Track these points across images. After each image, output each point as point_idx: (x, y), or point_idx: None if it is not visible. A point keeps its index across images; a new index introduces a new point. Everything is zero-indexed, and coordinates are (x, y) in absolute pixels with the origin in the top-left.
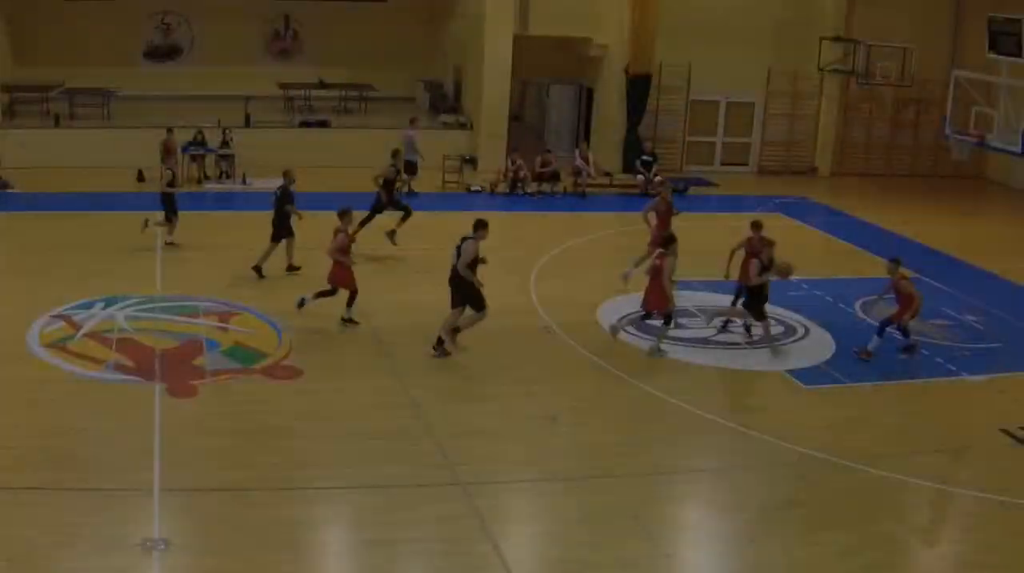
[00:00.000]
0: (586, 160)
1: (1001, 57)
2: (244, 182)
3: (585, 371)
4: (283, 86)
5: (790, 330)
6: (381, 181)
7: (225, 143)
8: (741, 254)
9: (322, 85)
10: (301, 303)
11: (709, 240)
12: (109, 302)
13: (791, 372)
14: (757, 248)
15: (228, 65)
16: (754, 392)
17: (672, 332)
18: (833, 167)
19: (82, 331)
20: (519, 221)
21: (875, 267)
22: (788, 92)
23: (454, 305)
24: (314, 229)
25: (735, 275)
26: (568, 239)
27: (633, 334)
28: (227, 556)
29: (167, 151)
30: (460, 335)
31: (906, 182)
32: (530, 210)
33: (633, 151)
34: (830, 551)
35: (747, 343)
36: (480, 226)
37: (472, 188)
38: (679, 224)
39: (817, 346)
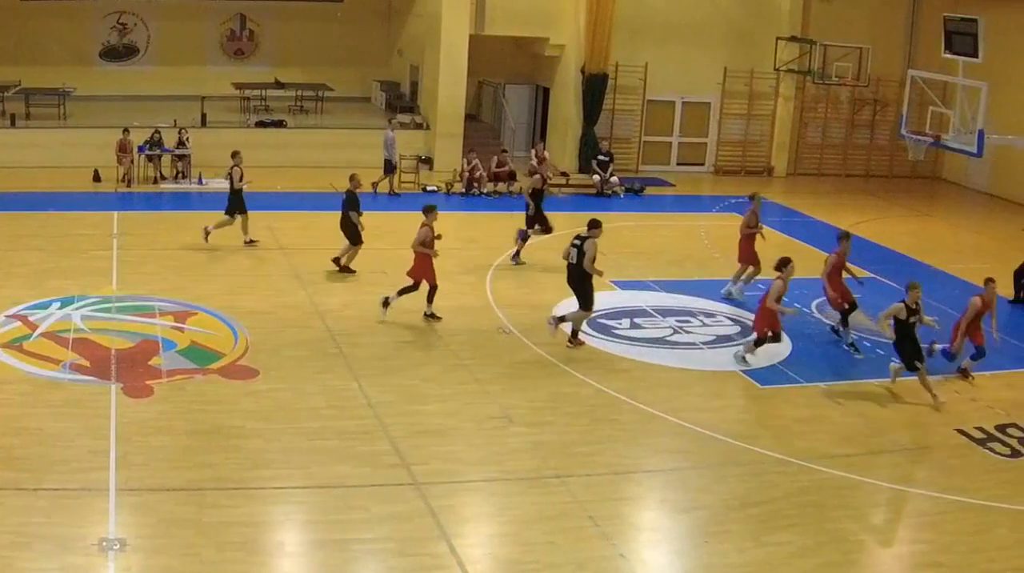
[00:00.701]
0: (542, 160)
1: (957, 57)
2: (200, 182)
3: (541, 371)
4: (239, 86)
5: (746, 330)
6: (530, 191)
7: (181, 143)
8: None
9: (278, 85)
10: (386, 302)
11: (665, 241)
12: (65, 302)
13: (747, 372)
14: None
15: (184, 65)
16: (710, 392)
17: (628, 332)
18: (789, 167)
19: (38, 331)
20: (475, 221)
21: (822, 264)
22: (744, 92)
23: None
24: (265, 229)
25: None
26: None
27: (592, 334)
28: (183, 556)
29: (123, 151)
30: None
31: (862, 182)
32: (486, 210)
33: (589, 151)
34: (785, 551)
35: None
36: (595, 225)
37: (428, 188)
38: (638, 225)
39: (773, 346)
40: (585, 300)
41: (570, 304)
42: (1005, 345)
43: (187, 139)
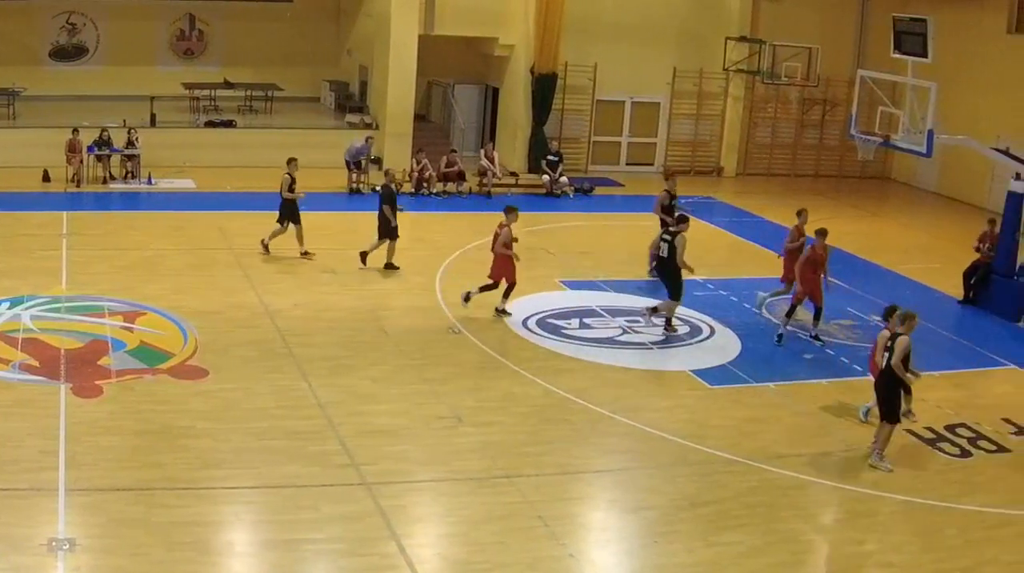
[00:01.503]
0: (492, 160)
1: (906, 57)
2: (149, 182)
3: (491, 371)
4: (188, 86)
5: (696, 330)
6: (659, 208)
7: (130, 143)
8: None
9: (227, 85)
10: (467, 298)
11: (615, 241)
12: (15, 302)
13: (697, 372)
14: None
15: (133, 65)
16: (660, 392)
17: (578, 332)
18: (739, 167)
19: None
20: (425, 221)
21: (779, 267)
22: (693, 92)
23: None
24: (214, 229)
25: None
26: (474, 239)
27: (541, 334)
28: (132, 556)
29: (72, 151)
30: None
31: (811, 182)
32: (435, 210)
33: (539, 151)
34: (734, 551)
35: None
36: (683, 220)
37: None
38: (587, 225)
39: (723, 346)
40: (675, 291)
41: (523, 306)
42: (955, 345)
43: (136, 139)
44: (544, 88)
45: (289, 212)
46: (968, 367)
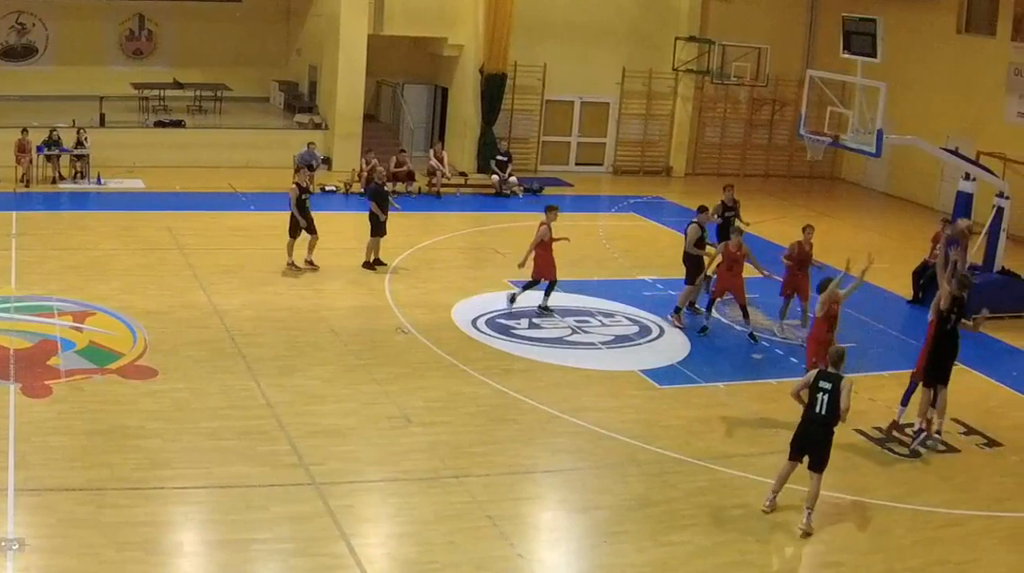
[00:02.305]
0: (441, 160)
1: (856, 57)
2: (99, 182)
3: (439, 371)
4: (138, 86)
5: (645, 330)
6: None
7: (80, 143)
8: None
9: (177, 85)
10: (512, 298)
11: (563, 241)
12: None
13: (646, 372)
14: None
15: (83, 65)
16: (609, 392)
17: (527, 332)
18: (688, 167)
19: None
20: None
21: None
22: (643, 92)
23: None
24: (163, 230)
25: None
26: (423, 239)
27: (491, 334)
28: (81, 556)
29: (21, 151)
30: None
31: (761, 182)
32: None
33: (488, 151)
34: (684, 550)
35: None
36: (702, 210)
37: (327, 188)
38: (536, 225)
39: (672, 346)
40: (691, 276)
41: (472, 306)
42: (904, 345)
43: (86, 139)
44: (493, 88)
45: (297, 223)
46: None
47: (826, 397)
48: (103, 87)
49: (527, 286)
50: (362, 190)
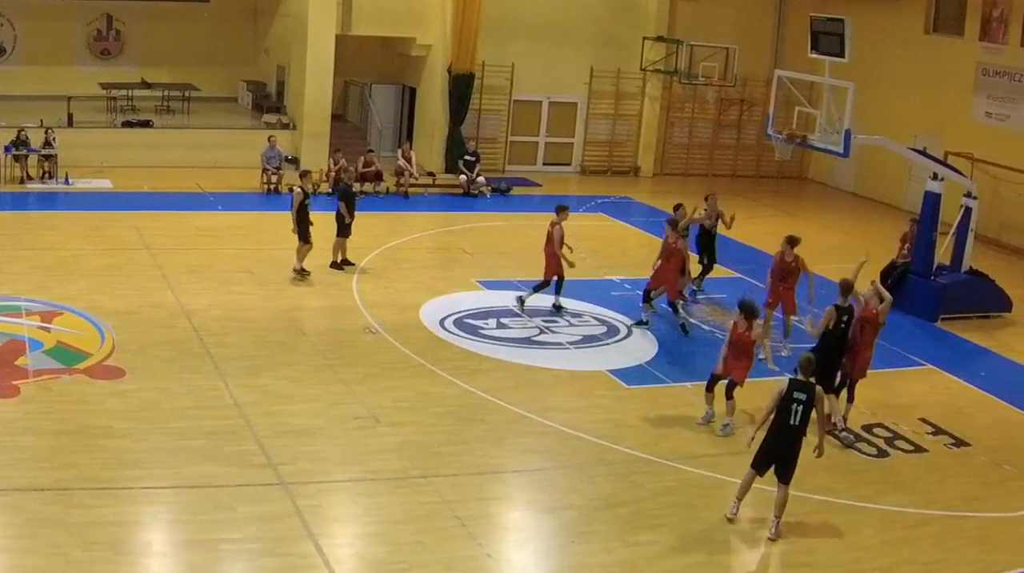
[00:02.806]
0: (409, 160)
1: (823, 57)
2: (67, 182)
3: (407, 371)
4: (106, 86)
5: (612, 330)
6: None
7: (48, 143)
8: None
9: (145, 85)
10: (521, 301)
11: (532, 241)
12: None
13: (614, 372)
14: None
15: (51, 65)
16: (577, 392)
17: (495, 332)
18: (656, 167)
19: None
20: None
21: (696, 267)
22: (611, 92)
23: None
24: (131, 230)
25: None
26: (391, 239)
27: (458, 334)
28: (50, 556)
29: None
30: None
31: (729, 182)
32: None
33: (456, 151)
34: (652, 551)
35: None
36: (678, 208)
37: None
38: (504, 225)
39: (639, 346)
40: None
41: (440, 306)
42: None
43: (54, 139)
44: (461, 88)
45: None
46: (885, 367)
47: (800, 407)
48: (71, 87)
49: (538, 287)
50: (330, 190)
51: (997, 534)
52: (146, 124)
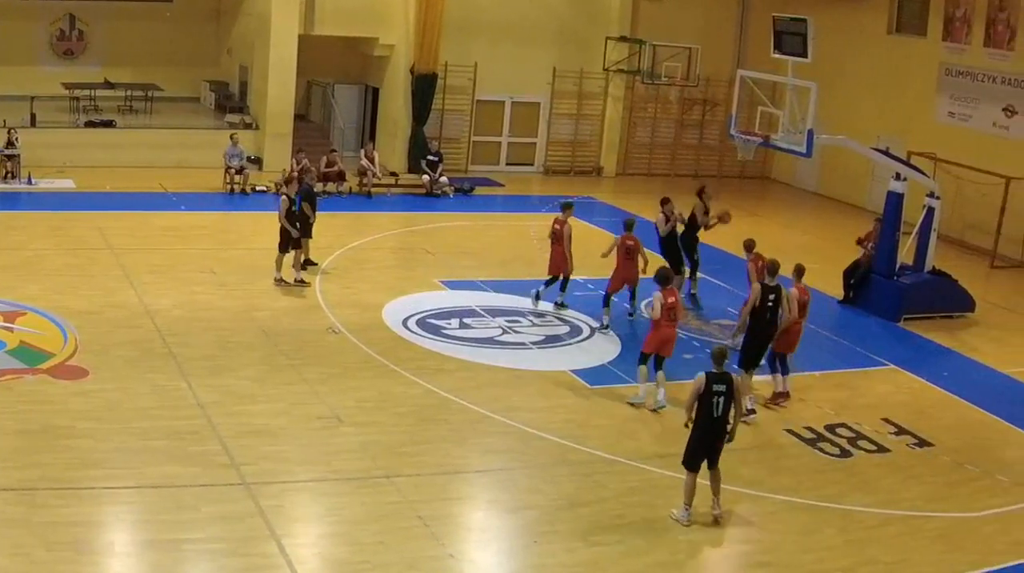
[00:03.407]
0: (372, 160)
1: (786, 57)
2: (29, 182)
3: (370, 371)
4: (68, 86)
5: (576, 330)
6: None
7: (10, 143)
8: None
9: (108, 85)
10: (537, 296)
11: (495, 241)
12: None
13: (576, 372)
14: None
15: (13, 65)
16: (539, 392)
17: (457, 332)
18: (618, 167)
19: None
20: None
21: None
22: (573, 92)
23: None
24: (94, 230)
25: None
26: (353, 239)
27: (421, 334)
28: (12, 556)
29: None
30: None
31: (691, 182)
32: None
33: (419, 151)
34: (614, 550)
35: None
36: (664, 201)
37: (257, 188)
38: (467, 225)
39: (602, 346)
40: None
41: (403, 306)
42: (835, 345)
43: (16, 139)
44: (424, 88)
45: (287, 236)
46: (848, 367)
47: (721, 399)
48: (34, 87)
49: (548, 283)
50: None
51: (959, 534)
52: (109, 124)
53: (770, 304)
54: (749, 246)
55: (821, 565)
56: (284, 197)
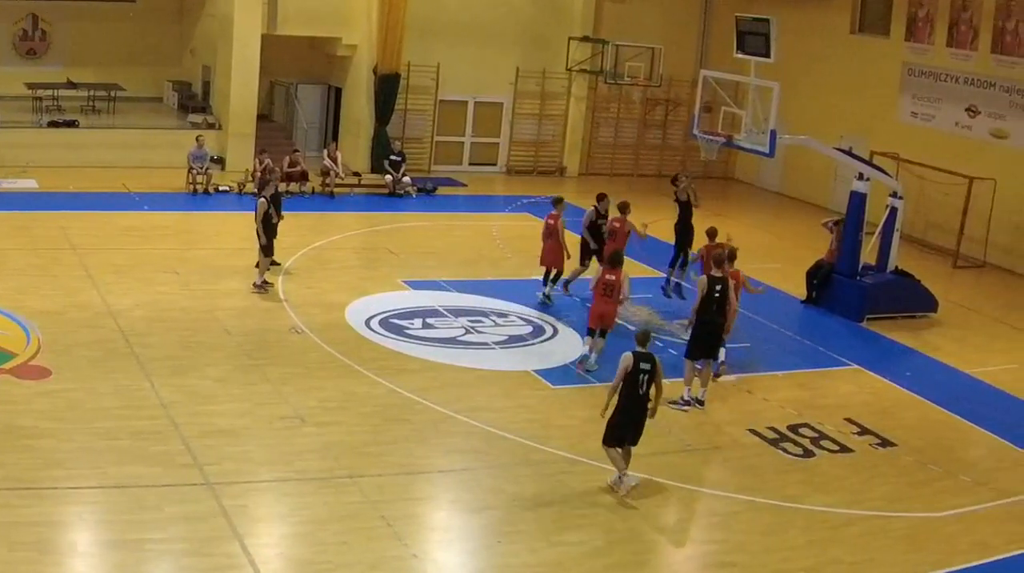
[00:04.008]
0: (335, 160)
1: (749, 57)
2: None
3: (333, 371)
4: (31, 86)
5: (538, 330)
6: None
7: None
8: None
9: (70, 85)
10: (546, 297)
11: (458, 241)
12: None
13: (539, 372)
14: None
15: None
16: (502, 392)
17: (420, 332)
18: (581, 167)
19: None
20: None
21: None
22: (536, 92)
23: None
24: (57, 230)
25: None
26: (316, 239)
27: (384, 334)
28: None
29: None
30: None
31: (655, 182)
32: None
33: (382, 151)
34: (577, 551)
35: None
36: (600, 198)
37: (220, 188)
38: (430, 225)
39: (565, 346)
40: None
41: (367, 306)
42: (798, 345)
43: None
44: (387, 88)
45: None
46: (811, 367)
47: (647, 377)
48: None
49: (546, 278)
50: (256, 190)
51: (923, 534)
52: (72, 124)
53: (717, 294)
54: (712, 234)
55: (784, 565)
56: (263, 200)
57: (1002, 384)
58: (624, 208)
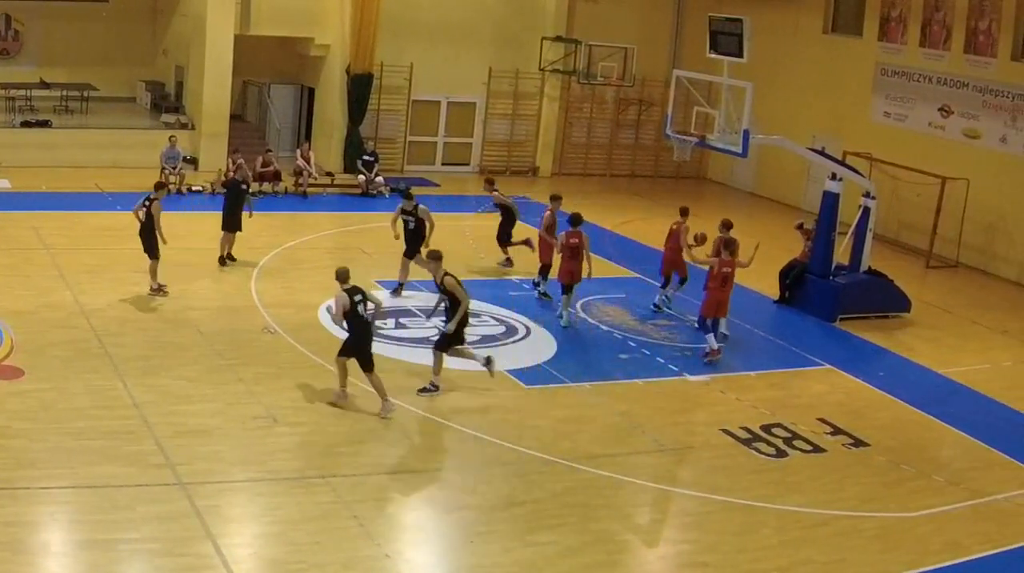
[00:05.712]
0: (308, 160)
1: (722, 57)
2: None
3: (306, 371)
4: (3, 86)
5: (511, 330)
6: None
7: None
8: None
9: (43, 85)
10: (544, 290)
11: (431, 241)
12: None
13: (512, 372)
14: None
15: None
16: (475, 392)
17: (393, 332)
18: (554, 167)
19: None
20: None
21: (597, 267)
22: (509, 92)
23: None
24: (29, 229)
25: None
26: (289, 239)
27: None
28: None
29: None
30: None
31: (627, 182)
32: (248, 209)
33: (355, 151)
34: (551, 551)
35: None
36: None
37: (193, 188)
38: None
39: (539, 346)
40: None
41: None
42: (771, 345)
43: None
44: (360, 88)
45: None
46: (784, 367)
47: (362, 305)
48: None
49: (541, 274)
50: (223, 188)
51: (895, 534)
52: (44, 124)
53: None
54: (684, 212)
55: (757, 565)
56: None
57: (975, 384)
58: (576, 221)
